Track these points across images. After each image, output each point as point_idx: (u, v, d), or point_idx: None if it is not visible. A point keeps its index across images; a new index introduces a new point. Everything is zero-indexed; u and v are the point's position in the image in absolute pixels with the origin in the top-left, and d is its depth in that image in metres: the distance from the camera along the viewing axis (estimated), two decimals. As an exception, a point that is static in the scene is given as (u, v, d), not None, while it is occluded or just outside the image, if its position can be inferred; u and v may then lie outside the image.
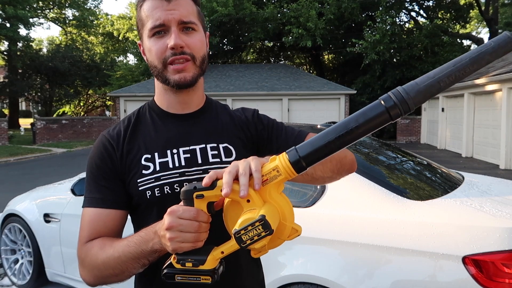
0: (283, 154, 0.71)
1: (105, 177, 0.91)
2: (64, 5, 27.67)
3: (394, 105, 0.67)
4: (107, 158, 0.92)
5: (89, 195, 0.92)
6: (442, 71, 0.68)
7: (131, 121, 0.99)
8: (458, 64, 0.67)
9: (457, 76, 0.67)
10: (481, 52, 0.66)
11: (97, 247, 0.85)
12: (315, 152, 0.70)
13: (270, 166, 0.70)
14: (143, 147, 0.94)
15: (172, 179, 0.91)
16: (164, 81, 0.92)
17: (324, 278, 1.82)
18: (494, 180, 2.78)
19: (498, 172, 9.13)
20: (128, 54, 32.83)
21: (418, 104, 0.68)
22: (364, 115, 0.69)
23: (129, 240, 0.81)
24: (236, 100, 17.72)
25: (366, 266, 1.80)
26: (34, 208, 3.15)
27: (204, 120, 0.99)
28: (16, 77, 24.23)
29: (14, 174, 9.89)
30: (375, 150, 2.80)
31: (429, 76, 0.68)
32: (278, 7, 19.88)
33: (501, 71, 10.29)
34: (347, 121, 0.71)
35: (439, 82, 0.67)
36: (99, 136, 0.98)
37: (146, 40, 0.91)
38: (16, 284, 3.33)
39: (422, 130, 17.34)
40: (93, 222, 0.89)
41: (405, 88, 0.68)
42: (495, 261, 1.57)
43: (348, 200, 1.97)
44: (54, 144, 16.94)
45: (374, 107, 0.69)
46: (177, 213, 0.71)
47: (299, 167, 0.70)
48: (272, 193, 0.71)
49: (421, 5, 21.25)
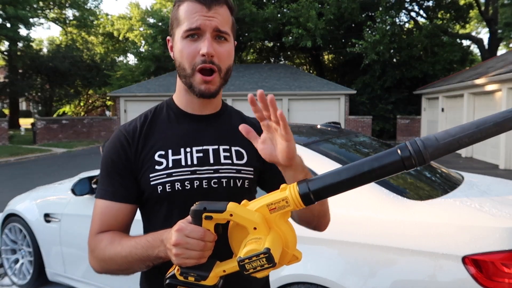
0: (294, 185, 0.74)
1: (119, 173, 0.94)
2: (64, 5, 27.65)
3: (409, 156, 0.68)
4: (122, 154, 0.95)
5: (102, 187, 0.95)
6: (464, 131, 0.68)
7: (148, 117, 1.01)
8: (481, 127, 0.67)
9: (478, 138, 0.67)
10: (506, 118, 0.66)
11: (106, 241, 0.90)
12: (325, 189, 0.73)
13: (279, 196, 0.73)
14: (157, 143, 0.96)
15: (183, 176, 0.93)
16: (189, 87, 0.94)
17: (324, 278, 1.82)
18: (494, 180, 2.78)
19: (497, 172, 9.13)
20: (128, 54, 32.82)
21: (433, 159, 0.69)
22: (379, 160, 0.71)
23: (137, 242, 0.85)
24: (236, 100, 17.71)
25: (366, 266, 1.80)
26: (35, 208, 3.15)
27: (218, 123, 1.02)
28: (17, 77, 24.22)
29: (14, 174, 9.89)
30: (375, 150, 2.80)
31: (450, 133, 0.68)
32: (278, 7, 19.88)
33: (500, 71, 10.29)
34: (361, 164, 0.72)
35: (459, 141, 0.67)
36: (115, 131, 1.01)
37: (179, 40, 0.92)
38: (17, 284, 3.34)
39: (422, 130, 17.34)
40: (104, 215, 0.93)
41: (424, 141, 0.68)
42: (495, 261, 1.57)
43: (348, 200, 1.96)
44: (54, 144, 16.94)
45: (390, 154, 0.71)
46: (185, 231, 0.74)
47: (307, 200, 0.73)
48: (278, 221, 0.74)
49: (421, 5, 21.24)
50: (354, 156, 2.50)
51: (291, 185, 0.75)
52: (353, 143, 2.72)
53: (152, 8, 27.52)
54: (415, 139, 0.70)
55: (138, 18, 28.39)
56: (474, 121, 0.69)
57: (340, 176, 0.73)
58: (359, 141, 2.82)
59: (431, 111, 16.45)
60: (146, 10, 28.78)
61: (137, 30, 28.10)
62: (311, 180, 0.74)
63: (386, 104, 18.20)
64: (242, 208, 0.74)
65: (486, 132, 0.67)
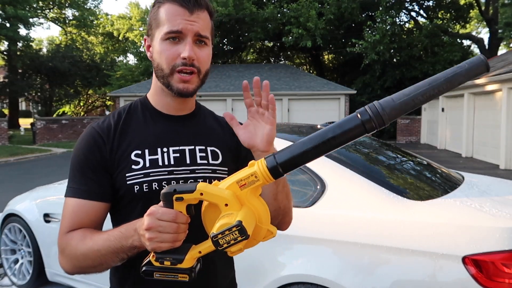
0: (262, 160, 0.76)
1: (92, 170, 0.92)
2: (64, 5, 27.66)
3: (369, 119, 0.71)
4: (96, 151, 0.93)
5: (74, 186, 0.93)
6: (417, 89, 0.71)
7: (122, 115, 0.99)
8: (433, 84, 0.71)
9: (431, 95, 0.71)
10: (455, 73, 0.70)
11: (77, 238, 0.88)
12: (292, 159, 0.74)
13: (248, 172, 0.75)
14: (133, 142, 0.95)
15: (161, 176, 0.94)
16: (166, 86, 0.95)
17: (324, 278, 1.82)
18: (494, 180, 2.78)
19: (498, 172, 9.13)
20: (128, 54, 32.83)
21: (392, 119, 0.72)
22: (341, 126, 0.73)
23: (109, 234, 0.84)
24: (236, 100, 17.71)
25: (366, 266, 1.80)
26: (34, 208, 3.15)
27: (194, 123, 1.03)
28: (16, 77, 24.22)
29: (14, 174, 9.89)
30: (375, 150, 2.80)
31: (405, 93, 0.72)
32: (278, 7, 19.87)
33: (501, 71, 10.29)
34: (324, 132, 0.74)
35: (414, 99, 0.71)
36: (87, 128, 0.98)
37: (158, 42, 0.92)
38: (16, 284, 3.33)
39: (422, 130, 17.34)
40: (76, 213, 0.91)
41: (381, 103, 0.72)
42: (495, 261, 1.57)
43: (348, 200, 1.97)
44: (54, 144, 16.94)
45: (351, 120, 0.73)
46: (156, 215, 0.74)
47: (276, 173, 0.74)
48: (250, 197, 0.75)
49: (421, 5, 21.25)
50: (354, 156, 2.50)
51: (259, 160, 0.76)
52: (353, 143, 2.72)
53: (152, 8, 27.46)
54: (373, 102, 0.72)
55: (138, 18, 28.39)
56: (427, 79, 0.72)
57: (305, 145, 0.74)
58: (359, 141, 2.82)
59: (431, 111, 16.45)
60: (146, 10, 28.78)
61: (137, 30, 28.10)
62: (278, 153, 0.75)
63: (386, 104, 18.17)
64: (212, 187, 0.75)
65: (438, 88, 0.70)
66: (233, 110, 17.61)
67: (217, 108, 17.62)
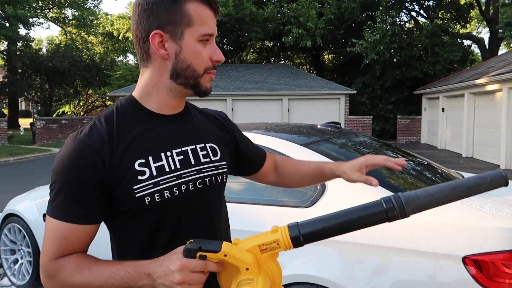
0: (285, 228, 0.78)
1: (87, 192, 0.83)
2: (64, 5, 27.65)
3: (393, 208, 0.76)
4: (93, 171, 0.83)
5: (63, 207, 0.83)
6: (441, 191, 0.77)
7: (112, 122, 0.89)
8: (456, 189, 0.77)
9: (453, 199, 0.77)
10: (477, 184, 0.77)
11: (72, 267, 0.82)
12: (315, 233, 0.78)
13: (271, 238, 0.78)
14: (134, 151, 0.87)
15: (171, 183, 0.89)
16: (192, 86, 0.92)
17: (324, 278, 1.81)
18: (494, 180, 2.77)
19: (498, 172, 9.11)
20: (128, 54, 32.82)
21: (414, 213, 0.76)
22: (365, 210, 0.78)
23: (114, 272, 0.79)
24: (236, 100, 17.71)
25: (366, 266, 1.79)
26: (34, 208, 3.15)
27: (188, 121, 1.00)
28: (16, 77, 24.21)
29: (13, 174, 9.89)
30: (375, 150, 2.80)
31: (430, 193, 0.77)
32: (278, 7, 19.86)
33: (501, 71, 10.29)
34: (348, 213, 0.79)
35: (437, 200, 0.76)
36: (72, 141, 0.85)
37: (192, 42, 0.88)
38: (16, 284, 3.33)
39: (422, 130, 17.33)
40: (67, 238, 0.83)
41: (406, 197, 0.76)
42: (495, 261, 1.56)
43: (348, 200, 1.96)
44: (54, 144, 16.94)
45: (375, 205, 0.78)
46: (189, 267, 0.74)
47: (297, 243, 0.78)
48: (268, 260, 0.80)
49: (421, 5, 21.24)
50: (355, 157, 2.50)
51: (282, 228, 0.78)
52: (353, 143, 2.71)
53: (152, 8, 27.45)
54: (398, 194, 0.77)
55: (138, 18, 28.28)
56: (451, 182, 0.78)
57: (330, 221, 0.78)
58: (359, 141, 2.82)
59: (431, 111, 16.44)
60: (146, 10, 28.65)
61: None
62: (302, 224, 0.78)
63: (386, 104, 18.19)
64: (236, 249, 0.76)
65: (460, 194, 0.77)
66: (233, 110, 17.61)
67: (217, 108, 17.47)
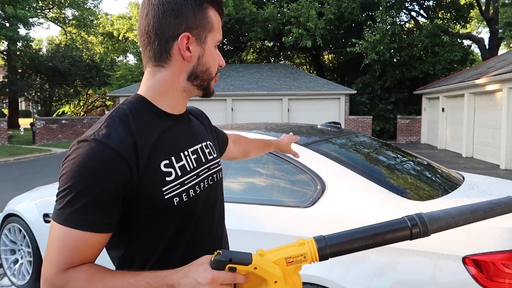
0: (312, 241, 0.79)
1: (110, 200, 0.79)
2: (64, 5, 27.65)
3: (416, 225, 0.80)
4: (118, 178, 0.79)
5: (79, 215, 0.77)
6: (461, 214, 0.84)
7: (129, 123, 0.86)
8: (473, 213, 0.84)
9: (471, 222, 0.84)
10: (492, 209, 0.85)
11: (84, 280, 0.77)
12: (341, 248, 0.80)
13: (299, 251, 0.78)
14: (159, 153, 0.87)
15: (193, 182, 0.93)
16: (204, 88, 0.96)
17: (324, 278, 1.81)
18: (495, 180, 2.78)
19: (498, 172, 9.13)
20: (128, 54, 32.83)
21: (435, 232, 0.82)
22: (390, 226, 0.82)
23: (132, 284, 0.75)
24: (236, 100, 17.71)
25: (366, 266, 1.79)
26: (34, 208, 3.14)
27: (189, 121, 1.04)
28: (16, 77, 24.21)
29: (14, 174, 9.89)
30: (375, 150, 2.80)
31: (451, 214, 0.83)
32: (278, 7, 19.86)
33: (501, 71, 10.29)
34: (374, 229, 0.82)
35: (456, 223, 0.83)
36: (91, 144, 0.80)
37: (212, 47, 0.94)
38: (16, 284, 3.33)
39: (422, 130, 17.33)
40: (79, 247, 0.78)
41: (429, 217, 0.82)
42: (495, 261, 1.56)
43: (348, 200, 1.96)
44: (54, 144, 16.94)
45: (400, 222, 0.82)
46: (219, 280, 0.73)
47: (324, 257, 0.79)
48: (292, 273, 0.79)
49: (421, 5, 21.24)
50: (355, 157, 2.50)
51: (309, 240, 0.79)
52: (353, 143, 2.71)
53: (152, 8, 27.45)
54: (421, 213, 0.82)
55: (138, 17, 28.34)
56: (469, 206, 0.85)
57: (355, 236, 0.81)
58: (359, 141, 2.82)
59: (431, 111, 16.44)
60: (146, 10, 28.67)
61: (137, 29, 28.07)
62: (329, 237, 0.80)
63: (386, 104, 18.19)
64: (265, 261, 0.76)
65: (477, 218, 0.84)
66: (233, 110, 17.61)
67: (217, 108, 17.68)
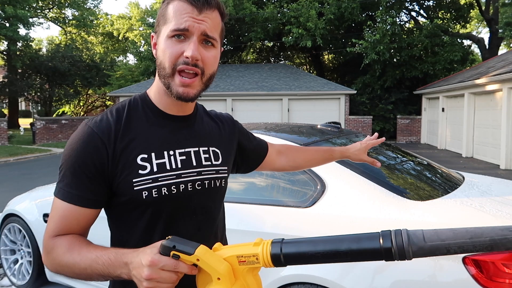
0: (268, 243, 0.73)
1: (89, 176, 0.87)
2: (64, 5, 27.65)
3: (390, 248, 0.64)
4: (95, 157, 0.87)
5: (66, 188, 0.87)
6: (455, 238, 0.62)
7: (122, 114, 0.93)
8: (474, 239, 0.61)
9: (469, 250, 0.61)
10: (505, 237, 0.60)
11: (64, 247, 0.85)
12: (298, 255, 0.71)
13: (251, 251, 0.73)
14: (138, 145, 0.91)
15: (169, 181, 0.92)
16: (167, 87, 0.90)
17: (324, 278, 1.81)
18: (495, 180, 2.78)
19: (498, 172, 9.13)
20: (128, 54, 32.85)
21: (416, 257, 0.63)
22: (359, 242, 0.68)
23: (98, 257, 0.80)
24: (236, 100, 17.71)
25: (366, 266, 1.79)
26: (34, 208, 3.14)
27: (195, 124, 1.02)
28: (16, 77, 24.20)
29: (13, 174, 9.89)
30: (375, 150, 2.80)
31: (440, 236, 0.63)
32: (278, 7, 19.87)
33: (501, 71, 10.29)
34: (339, 241, 0.69)
35: (447, 248, 0.62)
36: (82, 127, 0.90)
37: (163, 39, 0.89)
38: (16, 284, 3.33)
39: (422, 130, 17.33)
40: (66, 218, 0.87)
41: (410, 236, 0.64)
42: (495, 261, 1.56)
43: (348, 200, 1.96)
44: (54, 144, 16.94)
45: (371, 239, 0.67)
46: (158, 265, 0.72)
47: (277, 262, 0.71)
48: (246, 274, 0.74)
49: (421, 5, 21.24)
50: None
51: (265, 242, 0.73)
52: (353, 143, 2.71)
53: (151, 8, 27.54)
54: (401, 230, 0.65)
55: (137, 17, 28.41)
56: (469, 229, 0.62)
57: (316, 247, 0.70)
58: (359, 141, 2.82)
59: (431, 111, 16.44)
60: (145, 10, 28.80)
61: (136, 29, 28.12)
62: (286, 243, 0.72)
63: (386, 104, 18.19)
64: (210, 255, 0.73)
65: (479, 246, 0.61)
66: (233, 110, 17.61)
67: (217, 108, 17.59)
